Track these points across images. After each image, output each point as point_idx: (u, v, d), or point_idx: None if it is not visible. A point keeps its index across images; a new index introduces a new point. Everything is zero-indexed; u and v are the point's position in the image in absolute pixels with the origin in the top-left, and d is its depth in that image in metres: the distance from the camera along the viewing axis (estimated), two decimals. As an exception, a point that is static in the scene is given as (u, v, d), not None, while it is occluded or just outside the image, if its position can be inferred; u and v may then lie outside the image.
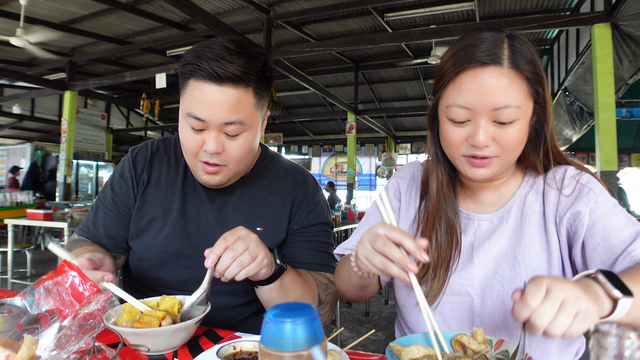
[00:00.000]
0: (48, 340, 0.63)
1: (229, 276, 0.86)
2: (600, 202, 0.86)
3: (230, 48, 0.96)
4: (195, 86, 0.97)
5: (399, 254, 0.68)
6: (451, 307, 0.94)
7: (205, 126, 0.99)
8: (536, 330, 0.59)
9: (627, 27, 4.94)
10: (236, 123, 0.98)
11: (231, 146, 1.02)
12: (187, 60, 0.98)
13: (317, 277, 1.12)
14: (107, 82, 8.51)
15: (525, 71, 0.81)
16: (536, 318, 0.59)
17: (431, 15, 6.94)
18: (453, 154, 0.89)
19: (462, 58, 0.82)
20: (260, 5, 6.75)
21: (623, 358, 0.39)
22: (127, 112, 15.17)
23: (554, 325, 0.58)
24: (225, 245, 0.85)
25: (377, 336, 3.59)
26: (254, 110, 1.02)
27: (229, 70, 0.94)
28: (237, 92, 0.97)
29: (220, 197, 1.17)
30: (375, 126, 12.56)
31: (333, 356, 0.68)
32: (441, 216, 0.96)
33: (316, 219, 1.20)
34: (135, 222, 1.15)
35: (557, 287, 0.59)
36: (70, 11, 7.05)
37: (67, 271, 0.80)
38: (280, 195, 1.19)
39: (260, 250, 0.89)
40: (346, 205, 8.63)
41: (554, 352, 0.91)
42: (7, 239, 4.80)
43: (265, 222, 1.15)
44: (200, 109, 0.96)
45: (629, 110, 8.23)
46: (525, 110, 0.83)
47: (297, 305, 0.53)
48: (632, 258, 0.78)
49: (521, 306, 0.60)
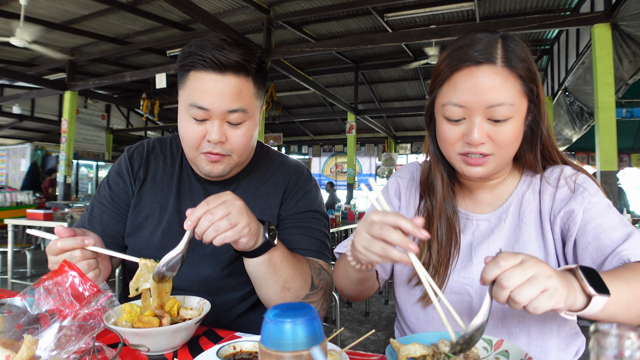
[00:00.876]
0: (48, 340, 0.63)
1: (206, 240, 0.85)
2: (594, 202, 0.87)
3: (228, 40, 1.00)
4: (197, 77, 0.99)
5: (398, 236, 0.68)
6: (451, 306, 0.94)
7: (208, 116, 1.00)
8: (501, 291, 0.61)
9: (627, 27, 4.94)
10: (239, 111, 1.00)
11: (234, 135, 1.03)
12: (187, 53, 1.00)
13: (310, 261, 1.11)
14: (107, 82, 8.52)
15: (518, 69, 0.83)
16: (503, 277, 0.61)
17: (431, 16, 6.95)
18: (449, 152, 0.90)
19: (457, 58, 0.84)
20: (260, 5, 6.75)
21: (623, 358, 0.39)
22: (127, 112, 15.18)
23: (520, 291, 0.60)
24: (206, 208, 0.84)
25: (377, 336, 3.59)
26: (254, 99, 1.05)
27: (231, 58, 0.96)
28: (239, 81, 0.99)
29: (217, 190, 1.16)
30: (375, 126, 12.57)
31: (333, 356, 0.68)
32: (442, 215, 0.97)
33: (306, 206, 1.19)
34: (131, 220, 1.16)
35: (531, 262, 0.62)
36: (70, 11, 7.05)
37: (67, 271, 0.80)
38: (273, 185, 1.19)
39: (242, 218, 0.86)
40: (346, 205, 8.63)
41: (554, 351, 0.91)
42: (7, 239, 4.80)
43: (258, 211, 1.15)
44: (204, 98, 0.98)
45: (629, 110, 8.24)
46: (520, 108, 0.84)
47: (297, 305, 0.53)
48: (620, 258, 0.79)
49: (492, 265, 0.62)
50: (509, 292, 0.61)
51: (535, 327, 0.90)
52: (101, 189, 1.21)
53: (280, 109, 10.08)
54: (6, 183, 11.96)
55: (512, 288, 0.60)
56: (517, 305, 0.61)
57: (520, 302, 0.60)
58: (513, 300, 0.61)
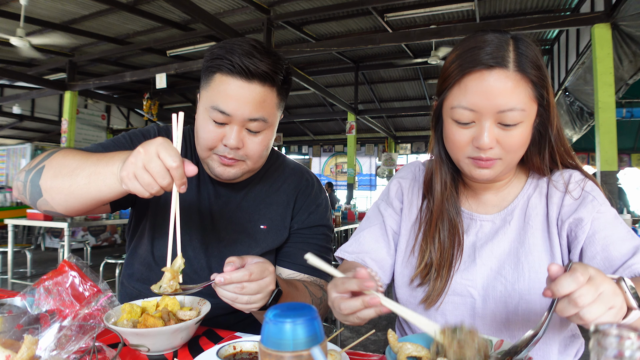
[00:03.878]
0: (48, 340, 0.63)
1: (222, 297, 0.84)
2: (602, 212, 0.88)
3: (258, 47, 0.99)
4: (222, 80, 0.98)
5: (356, 302, 0.68)
6: (453, 307, 0.94)
7: (229, 120, 0.99)
8: (573, 308, 0.59)
9: (627, 27, 4.94)
10: (260, 120, 1.00)
11: (251, 142, 1.03)
12: (215, 54, 0.99)
13: (311, 290, 1.11)
14: (107, 82, 8.51)
15: (530, 75, 0.81)
16: (579, 296, 0.58)
17: (431, 15, 6.94)
18: (457, 155, 0.89)
19: (468, 60, 0.82)
20: (260, 5, 6.75)
21: (623, 358, 0.39)
22: (127, 112, 15.17)
23: (590, 310, 0.58)
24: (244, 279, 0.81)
25: (377, 336, 3.59)
26: (276, 109, 1.05)
27: (260, 67, 0.96)
28: (264, 90, 0.99)
29: (227, 193, 1.17)
30: (375, 126, 12.56)
31: (333, 356, 0.68)
32: (444, 216, 0.97)
33: (317, 220, 1.20)
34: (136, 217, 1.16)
35: (600, 278, 0.60)
36: (70, 11, 7.04)
37: (67, 271, 0.80)
38: (285, 194, 1.19)
39: (261, 301, 0.85)
40: (346, 205, 8.63)
41: (555, 354, 0.91)
42: (7, 239, 4.80)
43: (268, 220, 1.15)
44: (227, 103, 0.97)
45: (629, 110, 8.23)
46: (530, 113, 0.84)
47: (297, 305, 0.53)
48: (632, 271, 0.80)
49: (570, 279, 0.59)
50: (579, 310, 0.59)
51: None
52: (122, 138, 1.15)
53: (280, 109, 10.07)
54: (6, 183, 11.93)
55: (584, 306, 0.59)
56: (582, 322, 0.59)
57: (589, 320, 0.59)
58: (580, 318, 0.59)
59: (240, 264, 0.83)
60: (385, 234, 1.06)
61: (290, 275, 1.16)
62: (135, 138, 1.14)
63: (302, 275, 1.17)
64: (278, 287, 0.90)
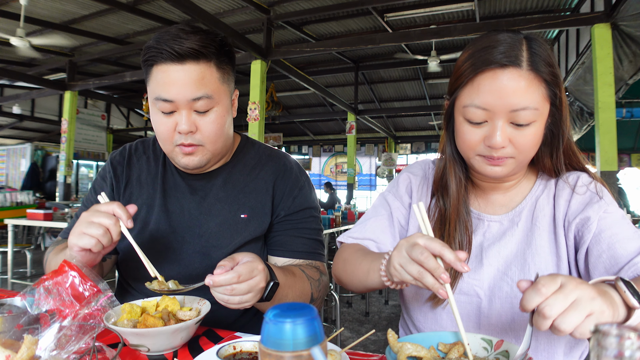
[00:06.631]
0: (48, 340, 0.63)
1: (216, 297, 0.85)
2: (609, 212, 0.87)
3: (186, 29, 1.00)
4: (158, 70, 1.00)
5: (435, 263, 0.66)
6: (459, 306, 0.94)
7: (175, 107, 1.00)
8: (543, 321, 0.58)
9: (627, 27, 4.94)
10: (204, 98, 1.01)
11: (203, 123, 1.03)
12: (147, 47, 1.01)
13: (309, 274, 1.11)
14: (107, 82, 8.52)
15: (543, 74, 0.81)
16: (545, 306, 0.57)
17: (431, 15, 6.95)
18: (468, 154, 0.89)
19: (481, 59, 0.82)
20: (260, 5, 6.75)
21: (623, 358, 0.39)
22: (127, 112, 15.18)
23: (563, 319, 0.57)
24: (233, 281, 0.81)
25: (377, 336, 3.59)
26: (220, 84, 1.05)
27: (186, 45, 0.97)
28: (200, 67, 0.99)
29: (202, 188, 1.17)
30: (375, 126, 12.56)
31: (333, 356, 0.68)
32: (460, 216, 0.96)
33: (302, 203, 1.19)
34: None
35: (572, 285, 0.58)
36: (70, 11, 7.05)
37: (67, 271, 0.80)
38: (263, 181, 1.18)
39: (252, 300, 0.86)
40: (346, 205, 8.63)
41: (560, 355, 0.91)
42: (7, 239, 4.80)
43: (249, 208, 1.15)
44: (167, 90, 0.99)
45: (629, 110, 8.22)
46: (542, 112, 0.83)
47: (297, 305, 0.53)
48: (637, 269, 0.79)
49: (532, 292, 0.58)
50: (552, 321, 0.57)
51: (543, 332, 0.89)
52: (88, 194, 1.23)
53: (280, 109, 10.08)
54: (6, 183, 11.95)
55: (555, 317, 0.57)
56: (562, 333, 0.57)
57: (565, 330, 0.57)
58: (557, 329, 0.57)
59: (230, 267, 0.83)
60: (392, 225, 1.06)
61: (286, 263, 1.16)
62: (98, 186, 1.23)
63: (298, 260, 1.17)
64: (274, 279, 0.91)
